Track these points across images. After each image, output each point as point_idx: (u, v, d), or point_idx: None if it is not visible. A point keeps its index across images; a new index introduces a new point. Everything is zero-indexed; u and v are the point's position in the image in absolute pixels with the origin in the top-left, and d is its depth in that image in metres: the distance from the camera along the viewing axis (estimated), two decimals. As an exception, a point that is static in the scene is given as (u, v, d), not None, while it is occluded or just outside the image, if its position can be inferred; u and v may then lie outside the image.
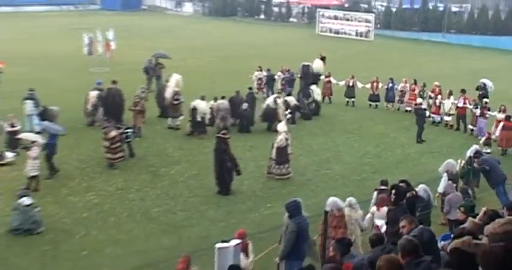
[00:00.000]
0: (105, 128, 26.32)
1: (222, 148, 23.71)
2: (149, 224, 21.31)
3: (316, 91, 35.81)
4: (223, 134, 24.29)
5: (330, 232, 16.65)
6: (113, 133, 26.21)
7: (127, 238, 20.25)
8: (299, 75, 37.44)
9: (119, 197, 23.50)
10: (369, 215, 17.81)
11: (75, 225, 21.02)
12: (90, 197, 23.38)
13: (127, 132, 27.24)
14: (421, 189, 18.80)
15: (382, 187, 18.76)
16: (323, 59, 37.96)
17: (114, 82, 32.47)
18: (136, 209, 22.41)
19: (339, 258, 12.39)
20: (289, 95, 34.61)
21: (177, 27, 71.09)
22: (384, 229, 16.36)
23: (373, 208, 17.90)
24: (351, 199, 17.85)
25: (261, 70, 38.97)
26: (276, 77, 38.83)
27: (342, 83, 38.06)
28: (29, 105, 31.04)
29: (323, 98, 37.37)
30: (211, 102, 31.16)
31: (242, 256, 15.13)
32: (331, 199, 17.32)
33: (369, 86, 37.83)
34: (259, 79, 38.61)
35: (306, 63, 36.92)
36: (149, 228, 20.94)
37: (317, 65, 37.59)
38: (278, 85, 38.61)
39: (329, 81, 38.03)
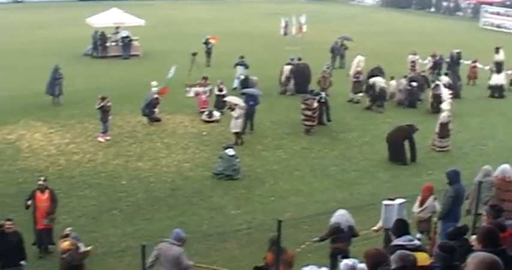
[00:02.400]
0: (308, 100, 26.34)
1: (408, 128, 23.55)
2: (326, 179, 21.58)
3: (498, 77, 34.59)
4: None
5: (502, 195, 16.18)
6: (316, 104, 26.38)
7: (308, 189, 20.62)
8: (447, 60, 36.40)
9: (303, 155, 23.88)
10: None
11: (266, 175, 21.67)
12: (279, 153, 23.93)
13: (320, 96, 27.29)
14: None
15: None
16: (497, 49, 37.49)
17: (299, 59, 32.99)
18: (316, 166, 22.72)
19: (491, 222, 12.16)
20: (445, 74, 33.63)
21: (358, 15, 70.23)
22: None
23: None
24: None
25: (414, 54, 37.86)
26: (426, 61, 37.75)
27: (487, 67, 36.46)
28: (239, 70, 32.19)
29: (468, 81, 36.17)
30: (390, 81, 31.00)
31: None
32: (505, 166, 16.76)
33: (510, 72, 35.89)
34: (412, 62, 37.54)
35: (456, 50, 35.94)
36: (326, 183, 21.22)
37: (500, 56, 37.14)
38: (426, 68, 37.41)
39: (475, 66, 36.55)
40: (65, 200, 18.71)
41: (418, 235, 14.90)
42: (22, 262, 14.24)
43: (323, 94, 27.54)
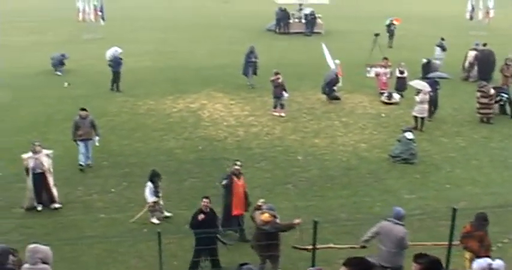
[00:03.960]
0: (484, 87, 25.40)
1: None
2: (506, 171, 20.67)
3: None
4: None
5: None
6: (492, 91, 25.49)
7: (485, 180, 19.88)
8: None
9: (483, 144, 23.07)
10: None
11: (442, 162, 21.17)
12: (458, 140, 23.29)
13: (502, 96, 26.23)
14: None
15: None
16: None
17: (485, 44, 32.04)
18: (496, 157, 21.84)
19: None
20: None
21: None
22: None
23: None
24: None
25: None
26: None
27: None
28: (436, 51, 32.26)
29: None
30: None
31: None
32: None
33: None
34: None
35: None
36: (505, 175, 20.31)
37: None
38: None
39: None
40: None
41: None
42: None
43: (504, 96, 26.24)
